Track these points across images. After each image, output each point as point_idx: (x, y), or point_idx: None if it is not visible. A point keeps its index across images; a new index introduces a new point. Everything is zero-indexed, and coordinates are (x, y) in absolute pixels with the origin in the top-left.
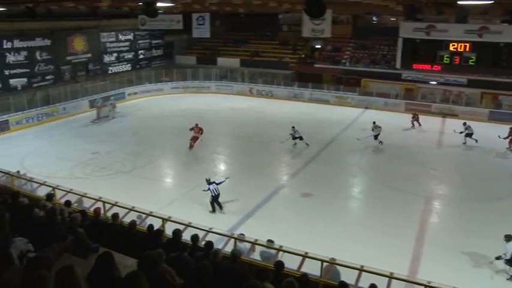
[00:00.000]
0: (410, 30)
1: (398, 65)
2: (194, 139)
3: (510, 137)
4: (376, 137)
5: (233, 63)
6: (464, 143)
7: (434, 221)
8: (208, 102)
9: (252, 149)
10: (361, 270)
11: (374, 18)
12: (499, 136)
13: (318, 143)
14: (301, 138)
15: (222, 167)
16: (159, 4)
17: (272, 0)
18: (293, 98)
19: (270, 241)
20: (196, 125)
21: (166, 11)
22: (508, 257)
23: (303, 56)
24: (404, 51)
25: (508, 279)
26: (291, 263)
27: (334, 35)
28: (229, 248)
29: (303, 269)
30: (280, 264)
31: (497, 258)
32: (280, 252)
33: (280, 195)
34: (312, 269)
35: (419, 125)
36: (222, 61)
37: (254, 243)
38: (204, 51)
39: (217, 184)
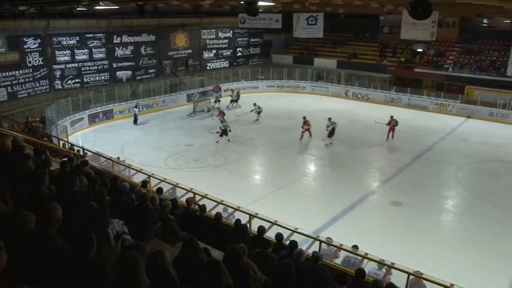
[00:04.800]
0: None
1: (510, 72)
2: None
3: (391, 125)
4: (330, 133)
5: (330, 64)
6: None
7: None
8: (302, 102)
9: (343, 152)
10: None
11: (484, 21)
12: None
13: (413, 151)
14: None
15: (312, 167)
16: (260, 3)
17: (374, 1)
18: (390, 103)
19: (355, 247)
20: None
21: (266, 10)
22: None
23: (402, 59)
24: None
25: None
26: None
27: (438, 39)
28: (313, 250)
29: (388, 280)
30: (361, 272)
31: None
32: (365, 260)
33: (369, 201)
34: (397, 281)
35: None
36: (318, 61)
37: (339, 248)
38: (301, 51)
39: None
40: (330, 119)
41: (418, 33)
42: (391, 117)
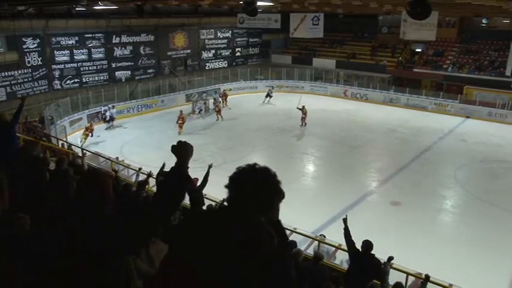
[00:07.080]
0: None
1: (509, 72)
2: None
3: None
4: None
5: (329, 64)
6: None
7: None
8: (301, 102)
9: (342, 152)
10: None
11: (483, 21)
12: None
13: (412, 151)
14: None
15: (311, 167)
16: (259, 3)
17: (373, 1)
18: (389, 103)
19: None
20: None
21: (265, 10)
22: None
23: (401, 59)
24: None
25: None
26: None
27: (437, 39)
28: (311, 250)
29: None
30: (369, 244)
31: None
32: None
33: (369, 201)
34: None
35: None
36: (317, 62)
37: (337, 248)
38: (300, 51)
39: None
40: (272, 87)
41: (423, 34)
42: (303, 107)
